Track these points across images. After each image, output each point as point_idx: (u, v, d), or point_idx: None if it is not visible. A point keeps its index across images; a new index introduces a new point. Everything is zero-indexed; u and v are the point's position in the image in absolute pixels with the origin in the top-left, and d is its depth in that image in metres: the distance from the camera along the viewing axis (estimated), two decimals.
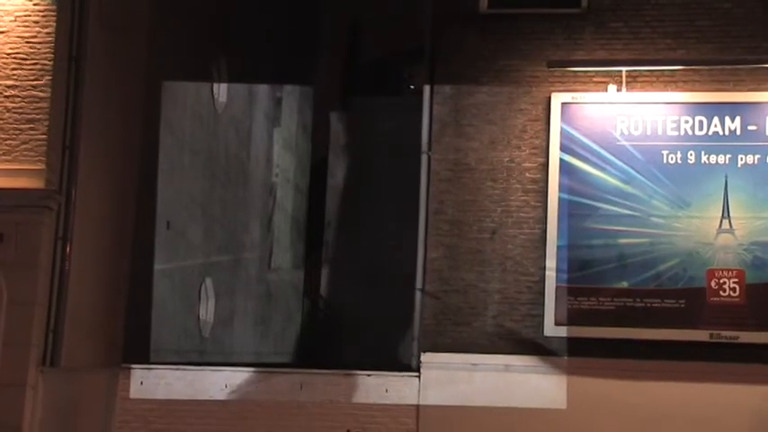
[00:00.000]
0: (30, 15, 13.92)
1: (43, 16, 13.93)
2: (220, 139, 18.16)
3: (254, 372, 14.42)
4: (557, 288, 13.12)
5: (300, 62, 19.24)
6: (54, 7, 14.00)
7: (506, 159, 13.67)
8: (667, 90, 13.51)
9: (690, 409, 12.61)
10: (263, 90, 19.48)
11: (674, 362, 12.62)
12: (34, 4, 14.00)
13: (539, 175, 13.55)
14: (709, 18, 13.81)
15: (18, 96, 13.60)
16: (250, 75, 19.05)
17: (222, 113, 18.09)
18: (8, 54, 13.77)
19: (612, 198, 13.26)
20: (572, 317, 13.13)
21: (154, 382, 13.86)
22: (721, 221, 12.98)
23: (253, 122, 19.22)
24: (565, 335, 13.09)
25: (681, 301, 12.84)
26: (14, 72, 13.67)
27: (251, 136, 19.07)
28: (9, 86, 13.76)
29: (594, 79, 13.55)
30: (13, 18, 13.83)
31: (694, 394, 12.64)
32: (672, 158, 13.23)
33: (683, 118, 13.32)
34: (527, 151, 13.65)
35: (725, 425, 12.55)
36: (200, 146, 17.30)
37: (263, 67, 19.07)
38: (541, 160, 13.53)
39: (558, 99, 13.52)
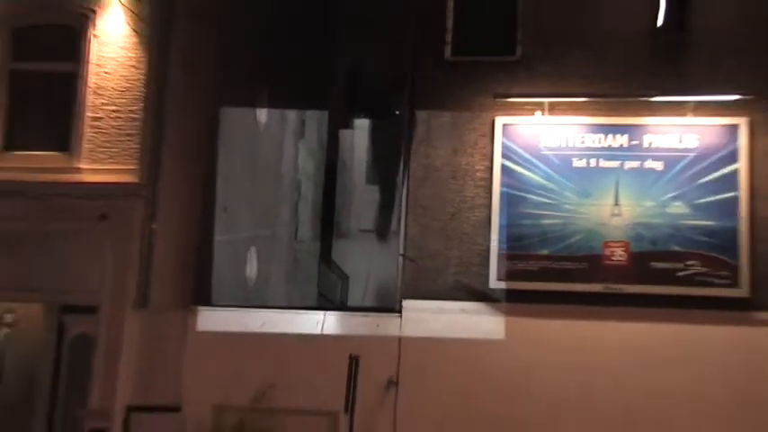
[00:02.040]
0: (127, 60, 14.54)
1: (137, 60, 14.56)
2: (261, 149, 18.44)
3: (283, 312, 15.34)
4: (498, 255, 13.92)
5: (317, 93, 19.63)
6: (145, 54, 14.47)
7: (463, 163, 14.39)
8: (576, 115, 14.16)
9: (589, 339, 13.35)
10: (291, 113, 19.22)
11: (579, 306, 13.40)
12: (130, 53, 14.50)
13: (486, 175, 14.24)
14: (606, 65, 14.14)
15: (120, 117, 14.33)
16: (282, 102, 18.86)
17: (263, 131, 18.25)
18: (113, 88, 14.38)
19: (537, 191, 14.01)
20: (509, 275, 13.89)
21: (213, 320, 14.70)
22: (613, 208, 13.70)
23: (284, 137, 19.21)
24: (504, 287, 13.86)
25: (584, 264, 13.63)
26: (117, 100, 14.32)
27: (282, 147, 19.15)
28: (113, 110, 14.36)
29: (526, 107, 14.22)
30: (116, 63, 14.47)
31: (593, 329, 13.37)
32: (579, 163, 13.97)
33: (587, 135, 14.04)
34: (478, 158, 14.37)
35: (613, 348, 13.23)
36: (247, 154, 17.58)
37: (291, 97, 19.21)
38: (488, 164, 14.20)
39: (500, 121, 14.23)
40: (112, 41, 14.23)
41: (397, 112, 16.18)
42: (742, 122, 13.13)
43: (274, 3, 18.09)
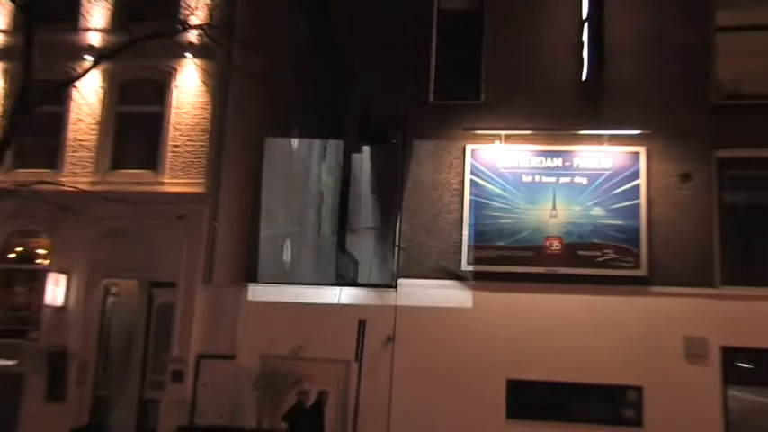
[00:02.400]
0: (198, 104, 16.46)
1: (205, 105, 16.41)
2: (294, 167, 19.96)
3: (309, 288, 16.73)
4: (467, 246, 15.52)
5: (336, 127, 21.30)
6: (210, 100, 16.29)
7: (442, 178, 15.91)
8: (524, 143, 15.75)
9: (533, 307, 15.07)
10: (316, 142, 20.75)
11: (526, 283, 15.11)
12: (200, 99, 16.41)
13: (459, 187, 15.80)
14: (545, 107, 15.69)
15: (192, 145, 16.39)
16: (310, 134, 20.39)
17: (295, 154, 19.83)
18: (187, 124, 16.31)
19: (497, 199, 15.59)
20: (475, 260, 15.46)
21: (259, 292, 16.17)
22: (551, 212, 15.34)
23: (311, 159, 20.69)
24: (472, 269, 15.46)
25: (530, 252, 15.31)
26: (190, 133, 16.40)
27: (310, 166, 20.55)
28: (188, 140, 16.31)
29: (488, 137, 15.79)
30: (190, 106, 16.34)
31: (536, 299, 15.09)
32: (527, 179, 15.58)
33: (532, 158, 15.70)
34: (453, 174, 15.89)
35: (551, 312, 14.90)
36: (283, 171, 19.15)
37: (316, 130, 20.64)
38: (460, 179, 15.76)
39: (469, 147, 15.81)
40: (188, 91, 16.29)
41: (394, 141, 17.39)
42: (642, 150, 15.04)
43: (304, 64, 19.75)
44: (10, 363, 15.43)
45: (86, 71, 14.53)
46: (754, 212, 15.09)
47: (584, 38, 15.51)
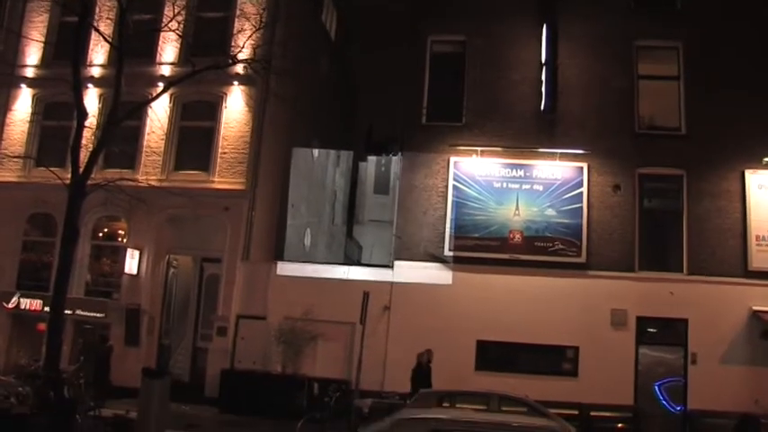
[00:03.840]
0: (242, 121, 18.47)
1: (247, 122, 18.24)
2: (315, 172, 21.09)
3: (324, 266, 18.48)
4: (450, 236, 17.52)
5: (347, 141, 22.47)
6: (251, 118, 18.03)
7: (431, 183, 17.90)
8: (495, 157, 17.78)
9: (499, 285, 16.94)
10: (332, 152, 22.10)
11: (495, 266, 17.12)
12: (243, 117, 18.36)
13: (444, 190, 17.83)
14: (511, 129, 17.51)
15: (237, 153, 18.30)
16: (327, 145, 21.74)
17: (315, 161, 21.04)
18: (232, 136, 18.20)
19: (473, 200, 17.65)
20: (456, 248, 17.46)
21: (286, 268, 18.02)
22: (515, 211, 17.53)
23: (327, 165, 21.86)
24: (452, 255, 17.44)
25: (498, 242, 17.35)
26: (235, 143, 18.37)
27: (326, 170, 21.71)
28: (233, 149, 18.05)
29: (467, 152, 17.80)
30: (235, 122, 18.40)
31: (502, 279, 16.99)
32: (497, 185, 17.70)
33: (501, 168, 17.79)
34: (439, 180, 17.91)
35: (512, 290, 16.81)
36: (306, 175, 20.49)
37: (332, 142, 21.86)
38: (445, 184, 17.76)
39: (453, 160, 17.82)
40: (234, 110, 18.41)
41: (393, 153, 19.27)
42: (584, 166, 17.53)
43: (325, 92, 21.12)
44: (99, 315, 17.85)
45: (159, 94, 16.28)
46: (664, 216, 17.75)
47: (543, 77, 17.74)
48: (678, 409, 16.55)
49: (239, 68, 17.76)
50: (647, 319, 16.89)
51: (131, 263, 17.96)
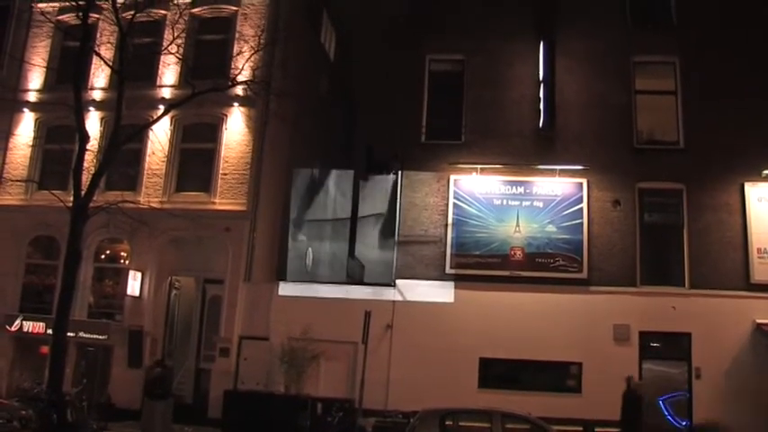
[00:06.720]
0: (242, 142, 18.35)
1: (247, 143, 18.23)
2: (317, 190, 21.10)
3: (327, 285, 18.33)
4: (450, 254, 17.52)
5: (348, 161, 22.39)
6: (251, 139, 18.08)
7: (431, 201, 17.95)
8: (495, 175, 17.83)
9: (500, 302, 16.89)
10: (333, 171, 22.16)
11: (495, 283, 17.13)
12: (244, 138, 18.28)
13: (444, 208, 17.90)
14: (511, 147, 17.71)
15: (238, 174, 18.27)
16: (327, 165, 21.86)
17: (316, 181, 21.05)
18: (233, 157, 18.21)
19: (473, 218, 17.67)
20: (457, 266, 17.42)
21: (287, 289, 17.96)
22: (515, 228, 17.55)
23: (329, 184, 21.86)
24: (454, 273, 17.41)
25: (499, 259, 17.37)
26: (235, 164, 18.33)
27: (327, 190, 21.70)
28: (234, 170, 18.14)
29: (467, 170, 17.87)
30: (236, 143, 18.29)
31: (503, 296, 17.01)
32: (497, 202, 17.73)
33: (501, 186, 17.77)
34: (440, 198, 17.98)
35: (513, 306, 16.79)
36: (308, 193, 20.47)
37: (333, 162, 21.92)
38: (446, 202, 17.83)
39: (453, 177, 17.88)
40: (235, 131, 18.41)
41: (394, 172, 19.17)
42: (584, 181, 17.55)
43: (324, 112, 21.08)
44: (102, 337, 17.88)
45: (159, 117, 16.54)
46: (665, 230, 17.76)
47: (541, 95, 17.89)
48: (684, 424, 16.47)
49: (239, 90, 17.93)
50: (650, 333, 16.87)
51: (134, 285, 17.98)
